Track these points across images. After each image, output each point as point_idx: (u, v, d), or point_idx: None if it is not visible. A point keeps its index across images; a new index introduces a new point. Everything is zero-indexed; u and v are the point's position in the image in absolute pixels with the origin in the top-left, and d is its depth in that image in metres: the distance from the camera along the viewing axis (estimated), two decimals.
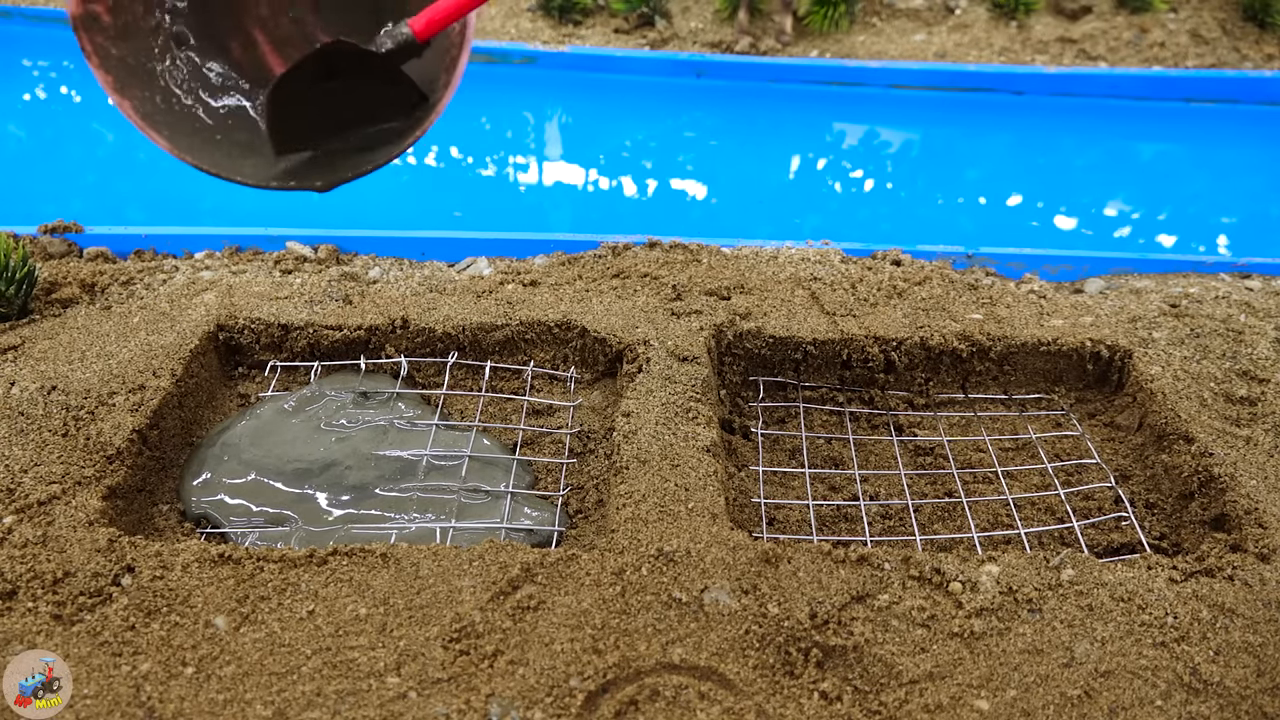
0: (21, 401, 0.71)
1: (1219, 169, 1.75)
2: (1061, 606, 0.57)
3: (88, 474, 0.64)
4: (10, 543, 0.58)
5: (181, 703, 0.50)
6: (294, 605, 0.55)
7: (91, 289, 0.88)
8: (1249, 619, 0.56)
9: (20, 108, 1.75)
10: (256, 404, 0.77)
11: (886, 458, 0.78)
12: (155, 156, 1.65)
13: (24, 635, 0.53)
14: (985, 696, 0.52)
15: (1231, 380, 0.79)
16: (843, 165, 1.72)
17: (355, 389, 0.78)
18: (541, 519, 0.67)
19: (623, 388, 0.76)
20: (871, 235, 1.16)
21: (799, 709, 0.51)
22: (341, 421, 0.74)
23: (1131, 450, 0.78)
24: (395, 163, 0.59)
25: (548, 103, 1.80)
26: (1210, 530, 0.67)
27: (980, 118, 1.79)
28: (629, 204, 1.57)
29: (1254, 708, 0.52)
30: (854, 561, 0.59)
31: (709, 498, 0.63)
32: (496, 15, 2.00)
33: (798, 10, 2.06)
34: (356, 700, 0.50)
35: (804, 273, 0.92)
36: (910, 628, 0.55)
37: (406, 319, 0.82)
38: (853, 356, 0.82)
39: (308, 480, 0.69)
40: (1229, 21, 2.07)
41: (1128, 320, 0.87)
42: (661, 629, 0.54)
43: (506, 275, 0.92)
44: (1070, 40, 2.01)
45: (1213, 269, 1.02)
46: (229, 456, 0.70)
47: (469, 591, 0.56)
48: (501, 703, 0.50)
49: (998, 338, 0.83)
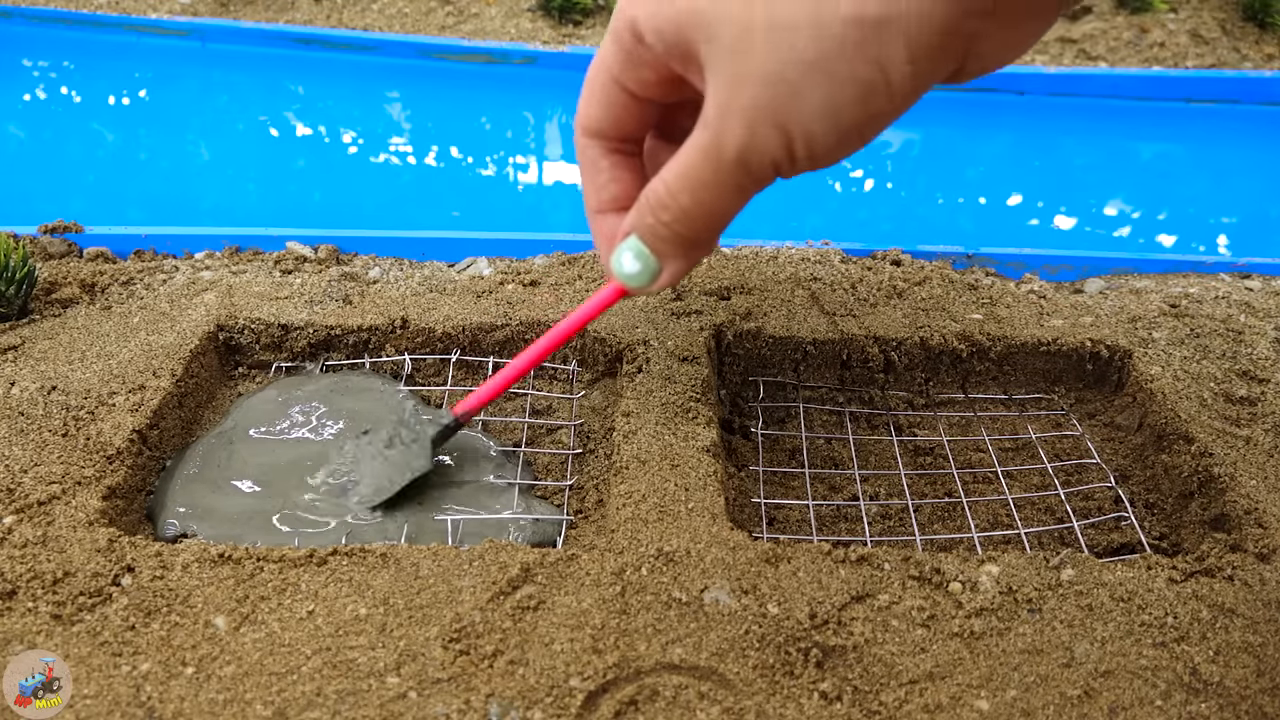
0: (21, 401, 0.71)
1: (1219, 169, 1.75)
2: (1061, 606, 0.57)
3: (88, 474, 0.64)
4: (10, 543, 0.58)
5: (181, 703, 0.50)
6: (294, 605, 0.55)
7: (91, 289, 0.88)
8: (1249, 619, 0.56)
9: (20, 108, 1.75)
10: (234, 409, 0.77)
11: (886, 458, 0.78)
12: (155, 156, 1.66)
13: (24, 635, 0.53)
14: (985, 696, 0.52)
15: (1231, 380, 0.79)
16: (843, 165, 1.72)
17: (340, 390, 0.78)
18: (549, 509, 0.68)
19: (623, 388, 0.77)
20: (871, 235, 1.16)
21: (799, 709, 0.51)
22: (337, 423, 0.74)
23: (1131, 450, 0.78)
24: (396, 164, 0.64)
25: (548, 103, 1.80)
26: (1210, 530, 0.67)
27: (980, 118, 1.79)
28: None
29: (1254, 708, 0.52)
30: (854, 561, 0.59)
31: (709, 498, 0.63)
32: (496, 15, 2.00)
33: None
34: (356, 700, 0.50)
35: (804, 273, 0.92)
36: (910, 628, 0.55)
37: (406, 319, 0.82)
38: (852, 356, 0.82)
39: (306, 480, 0.69)
40: (1229, 21, 2.07)
41: (1128, 320, 0.87)
42: (661, 629, 0.54)
43: (506, 275, 0.92)
44: (1070, 40, 2.01)
45: (1213, 269, 1.02)
46: (222, 464, 0.70)
47: (469, 591, 0.56)
48: (501, 703, 0.50)
49: (998, 338, 0.83)
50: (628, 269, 0.53)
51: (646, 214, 0.51)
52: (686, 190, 0.49)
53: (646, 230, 0.52)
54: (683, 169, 0.48)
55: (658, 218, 0.51)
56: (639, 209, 0.52)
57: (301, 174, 1.60)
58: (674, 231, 0.51)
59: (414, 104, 1.77)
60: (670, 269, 0.54)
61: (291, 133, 1.70)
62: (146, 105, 1.75)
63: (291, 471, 0.70)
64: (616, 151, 0.57)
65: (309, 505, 0.66)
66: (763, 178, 0.48)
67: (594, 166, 0.57)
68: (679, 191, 0.49)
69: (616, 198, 0.56)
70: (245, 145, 1.66)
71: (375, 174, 1.58)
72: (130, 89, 1.79)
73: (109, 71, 1.81)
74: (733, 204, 0.49)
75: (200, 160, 1.62)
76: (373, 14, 2.00)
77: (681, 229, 0.51)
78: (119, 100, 1.76)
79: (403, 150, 1.64)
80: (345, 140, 1.68)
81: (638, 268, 0.53)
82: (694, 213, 0.50)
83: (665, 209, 0.50)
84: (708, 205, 0.49)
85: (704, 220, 0.50)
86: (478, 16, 1.99)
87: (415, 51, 1.78)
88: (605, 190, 0.57)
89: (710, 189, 0.48)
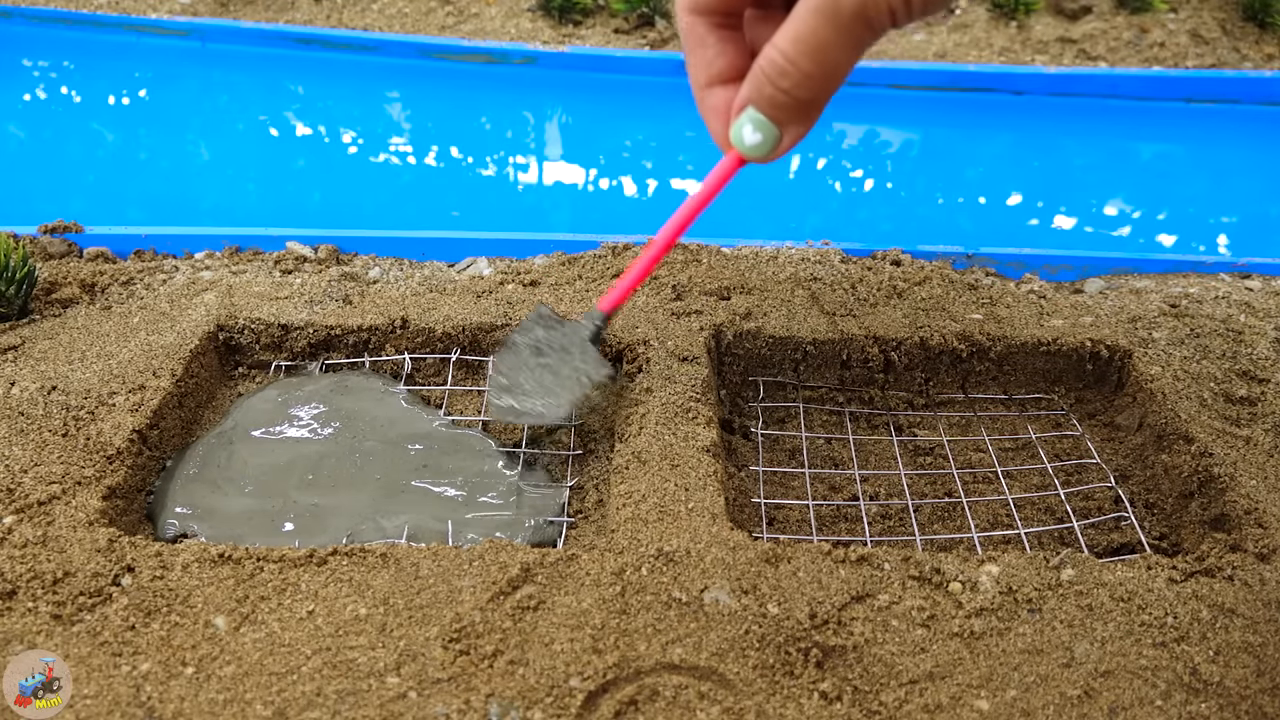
0: (21, 401, 0.71)
1: (1219, 169, 1.75)
2: (1061, 606, 0.57)
3: (88, 474, 0.64)
4: (10, 543, 0.58)
5: (181, 703, 0.50)
6: (294, 605, 0.55)
7: (91, 289, 0.88)
8: (1249, 619, 0.56)
9: (20, 108, 1.75)
10: (233, 410, 0.77)
11: (886, 458, 0.78)
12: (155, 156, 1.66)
13: (24, 635, 0.53)
14: (985, 696, 0.52)
15: (1231, 380, 0.79)
16: (843, 165, 1.72)
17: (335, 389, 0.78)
18: (549, 509, 0.68)
19: (622, 388, 0.77)
20: (871, 235, 1.16)
21: (799, 709, 0.51)
22: (335, 423, 0.74)
23: (1131, 450, 0.78)
24: (396, 164, 0.66)
25: (548, 103, 1.80)
26: (1210, 530, 0.67)
27: (980, 118, 1.79)
28: (629, 204, 1.57)
29: (1254, 708, 0.52)
30: (854, 561, 0.59)
31: (709, 498, 0.63)
32: (497, 15, 2.00)
33: None
34: (356, 700, 0.50)
35: (804, 273, 0.92)
36: (910, 628, 0.55)
37: (406, 319, 0.82)
38: (852, 356, 0.82)
39: (304, 481, 0.69)
40: (1229, 21, 2.07)
41: (1128, 320, 0.87)
42: (661, 629, 0.54)
43: (506, 275, 0.92)
44: (1070, 40, 2.01)
45: (1213, 269, 1.02)
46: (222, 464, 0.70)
47: (469, 591, 0.56)
48: (501, 703, 0.50)
49: (998, 338, 0.83)
50: (749, 140, 0.54)
51: (765, 84, 0.52)
52: (806, 54, 0.49)
53: (766, 100, 0.52)
54: (800, 33, 0.49)
55: (777, 85, 0.51)
56: (755, 81, 0.53)
57: (301, 174, 1.60)
58: (794, 97, 0.52)
59: (414, 104, 1.77)
60: (791, 134, 0.55)
61: (291, 133, 1.70)
62: (146, 105, 1.75)
63: (291, 471, 0.70)
64: (722, 26, 0.57)
65: (310, 507, 0.67)
66: (881, 29, 0.49)
67: (700, 43, 0.58)
68: (798, 56, 0.50)
69: (723, 71, 0.57)
70: (245, 145, 1.66)
71: (375, 174, 1.58)
72: (130, 89, 1.79)
73: (109, 71, 1.81)
74: (852, 60, 0.50)
75: (200, 160, 1.62)
76: (373, 14, 2.00)
77: (803, 93, 0.51)
78: (119, 100, 1.76)
79: (403, 150, 1.64)
80: (345, 140, 1.68)
81: (759, 138, 0.54)
82: (815, 74, 0.50)
83: (785, 75, 0.51)
84: (829, 65, 0.50)
85: (824, 81, 0.51)
86: (478, 16, 1.99)
87: (415, 51, 1.78)
88: (714, 65, 0.57)
89: (831, 48, 0.49)
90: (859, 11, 0.47)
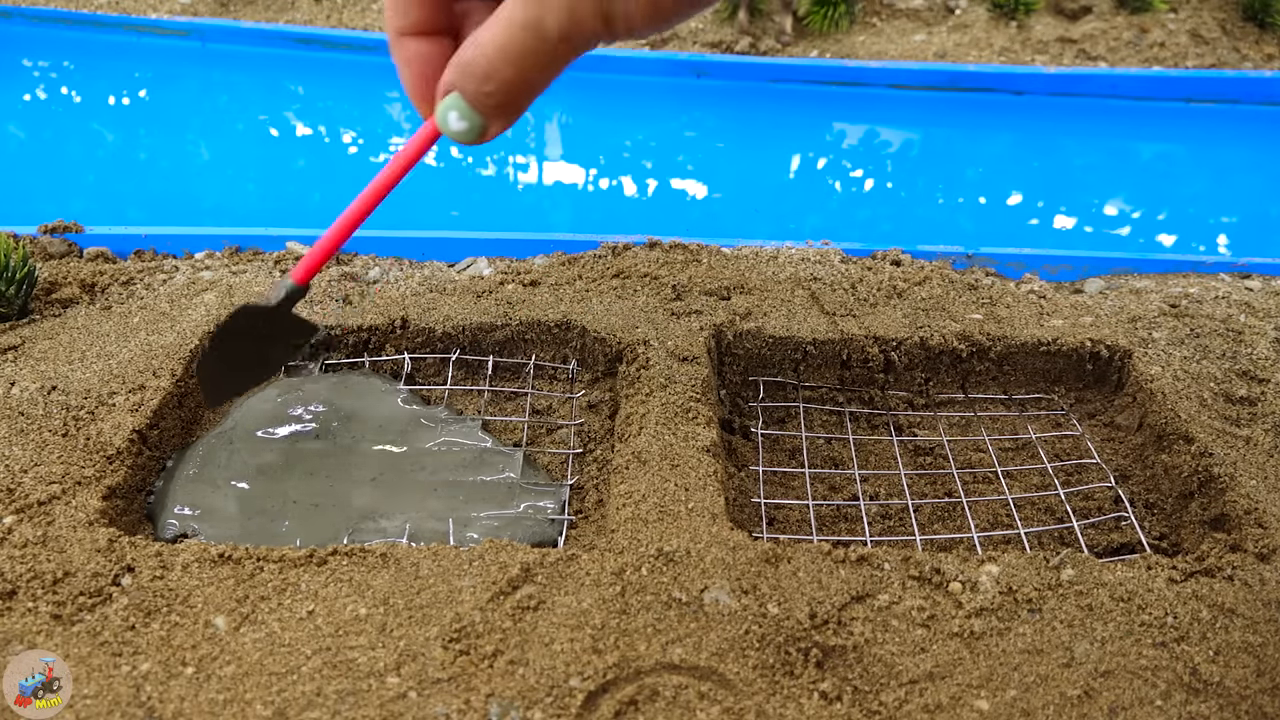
0: (21, 401, 0.71)
1: (1219, 169, 1.75)
2: (1061, 606, 0.57)
3: (88, 474, 0.64)
4: (10, 543, 0.58)
5: (181, 703, 0.50)
6: (294, 605, 0.55)
7: (91, 289, 0.88)
8: (1249, 619, 0.56)
9: (20, 108, 1.75)
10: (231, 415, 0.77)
11: (886, 458, 0.78)
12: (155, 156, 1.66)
13: (24, 635, 0.53)
14: (985, 696, 0.52)
15: (1231, 380, 0.79)
16: (843, 165, 1.72)
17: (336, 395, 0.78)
18: (554, 509, 0.68)
19: (622, 388, 0.77)
20: (871, 235, 1.16)
21: (799, 709, 0.51)
22: (333, 424, 0.74)
23: (1131, 450, 0.78)
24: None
25: (547, 103, 1.80)
26: (1210, 530, 0.67)
27: (980, 118, 1.79)
28: (629, 204, 1.57)
29: (1254, 708, 0.52)
30: (854, 561, 0.59)
31: (709, 498, 0.63)
32: None
33: (798, 10, 2.06)
34: (356, 700, 0.50)
35: (804, 273, 0.92)
36: (910, 628, 0.55)
37: (406, 319, 0.82)
38: (853, 356, 0.82)
39: (304, 481, 0.69)
40: (1229, 21, 2.07)
41: (1128, 320, 0.87)
42: (661, 629, 0.54)
43: (506, 275, 0.92)
44: (1070, 40, 2.01)
45: (1213, 269, 1.02)
46: (222, 464, 0.70)
47: (469, 591, 0.56)
48: (501, 703, 0.50)
49: (998, 338, 0.83)
50: (455, 127, 0.55)
51: (469, 81, 0.53)
52: (510, 63, 0.51)
53: (470, 94, 0.54)
54: (504, 42, 0.50)
55: (480, 88, 0.52)
56: (461, 73, 0.53)
57: (301, 174, 1.60)
58: (498, 99, 0.52)
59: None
60: (495, 128, 0.56)
61: (291, 133, 1.70)
62: (146, 105, 1.75)
63: (292, 471, 0.70)
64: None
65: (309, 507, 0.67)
66: (585, 49, 0.50)
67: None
68: (503, 65, 0.51)
69: (419, 22, 0.57)
70: (245, 145, 1.66)
71: (375, 174, 1.58)
72: (130, 89, 1.79)
73: (109, 71, 1.82)
74: (556, 71, 0.52)
75: (200, 160, 1.62)
76: (373, 14, 2.00)
77: (505, 98, 0.53)
78: (119, 100, 1.76)
79: None
80: (345, 140, 1.68)
81: (464, 125, 0.54)
82: (517, 82, 0.52)
83: (489, 80, 0.52)
84: (533, 77, 0.51)
85: (527, 89, 0.52)
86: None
87: None
88: (410, 14, 0.57)
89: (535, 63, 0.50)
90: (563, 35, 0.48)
